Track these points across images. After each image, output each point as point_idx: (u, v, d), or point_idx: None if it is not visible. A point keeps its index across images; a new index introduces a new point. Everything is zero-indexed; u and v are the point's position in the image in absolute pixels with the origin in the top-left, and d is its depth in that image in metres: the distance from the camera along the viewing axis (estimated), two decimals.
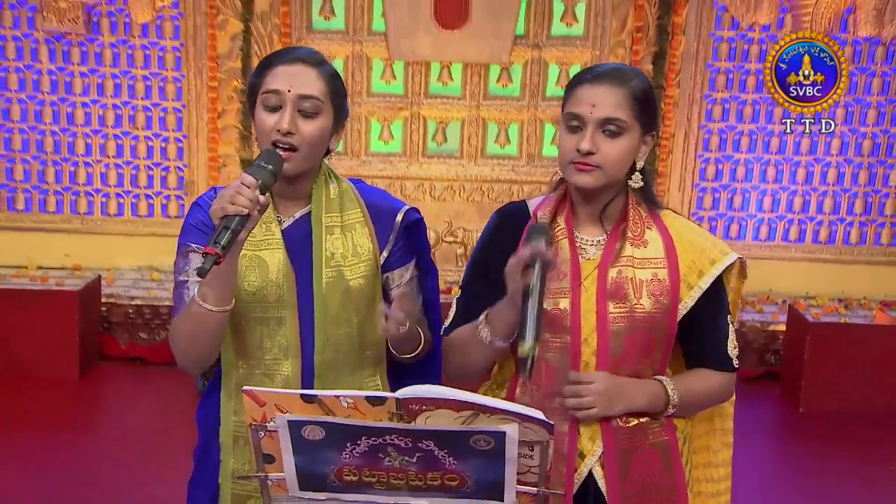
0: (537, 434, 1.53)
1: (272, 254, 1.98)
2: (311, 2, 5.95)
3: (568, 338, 1.91)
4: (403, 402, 1.49)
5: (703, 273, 1.93)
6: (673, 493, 1.98)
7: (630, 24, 5.93)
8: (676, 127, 6.04)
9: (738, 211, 6.18)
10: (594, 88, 1.87)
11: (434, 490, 1.63)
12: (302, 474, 1.62)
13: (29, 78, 6.09)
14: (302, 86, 1.91)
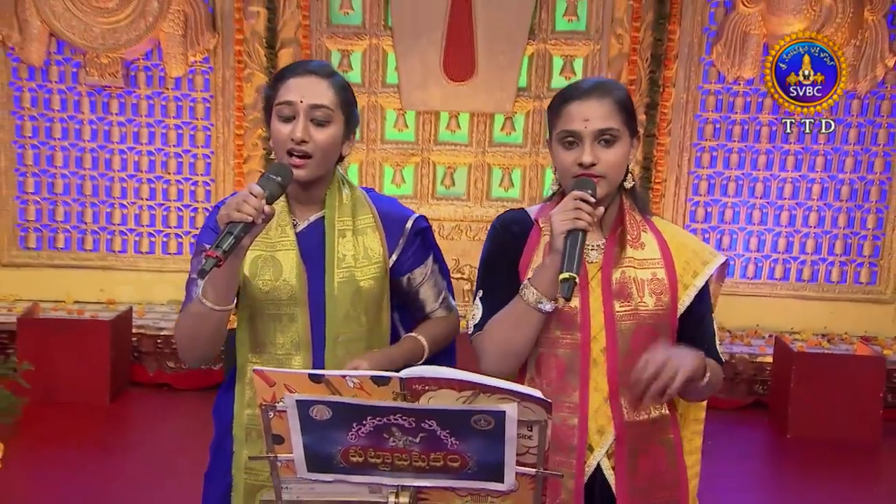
0: (536, 414, 1.46)
1: (286, 254, 1.97)
2: (330, 56, 5.95)
3: (578, 335, 1.87)
4: (407, 381, 1.43)
5: (698, 273, 1.92)
6: (676, 487, 1.96)
7: (624, 77, 5.89)
8: (668, 172, 6.02)
9: (726, 251, 6.08)
10: (584, 104, 1.85)
11: (437, 471, 1.56)
12: (310, 455, 1.56)
13: (71, 127, 6.14)
14: (313, 96, 1.90)
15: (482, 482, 1.57)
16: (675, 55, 5.87)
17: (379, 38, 5.94)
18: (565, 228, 1.74)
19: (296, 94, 1.89)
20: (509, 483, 1.57)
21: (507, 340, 1.86)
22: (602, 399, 1.86)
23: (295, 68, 1.99)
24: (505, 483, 1.57)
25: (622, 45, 5.87)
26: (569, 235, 1.74)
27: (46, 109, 6.09)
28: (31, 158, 6.13)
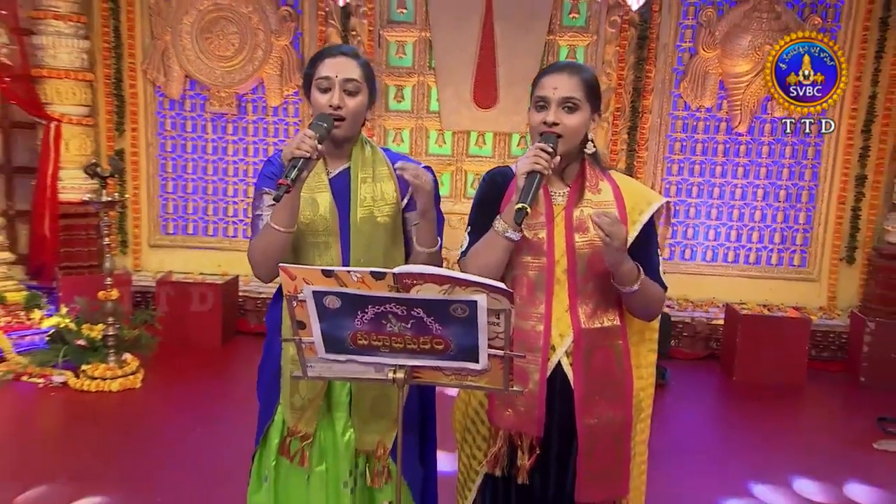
0: (501, 303, 1.46)
1: (322, 195, 1.95)
2: (388, 91, 5.96)
3: (545, 260, 1.85)
4: (399, 276, 1.45)
5: (643, 211, 1.87)
6: (622, 383, 1.91)
7: (612, 105, 5.85)
8: (646, 179, 5.91)
9: (690, 240, 6.02)
10: (555, 76, 1.83)
11: (426, 353, 1.57)
12: (326, 338, 1.57)
13: (199, 145, 6.22)
14: (346, 71, 1.88)
15: (462, 362, 1.58)
16: (651, 89, 5.80)
17: (425, 76, 5.94)
18: (526, 170, 1.74)
19: (331, 70, 1.87)
20: (483, 363, 1.57)
21: (483, 262, 1.84)
22: (563, 309, 1.84)
23: (329, 51, 1.95)
24: (480, 363, 1.57)
25: (611, 81, 5.80)
26: (528, 176, 1.75)
27: (182, 131, 6.20)
28: (170, 167, 6.25)
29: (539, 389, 1.84)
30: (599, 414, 1.87)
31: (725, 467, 3.81)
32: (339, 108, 1.86)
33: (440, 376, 1.62)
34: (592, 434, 1.85)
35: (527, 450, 1.86)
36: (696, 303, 5.87)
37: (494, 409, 1.90)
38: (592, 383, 1.85)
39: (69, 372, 4.50)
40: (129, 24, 6.00)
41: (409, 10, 5.89)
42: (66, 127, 5.75)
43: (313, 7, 5.87)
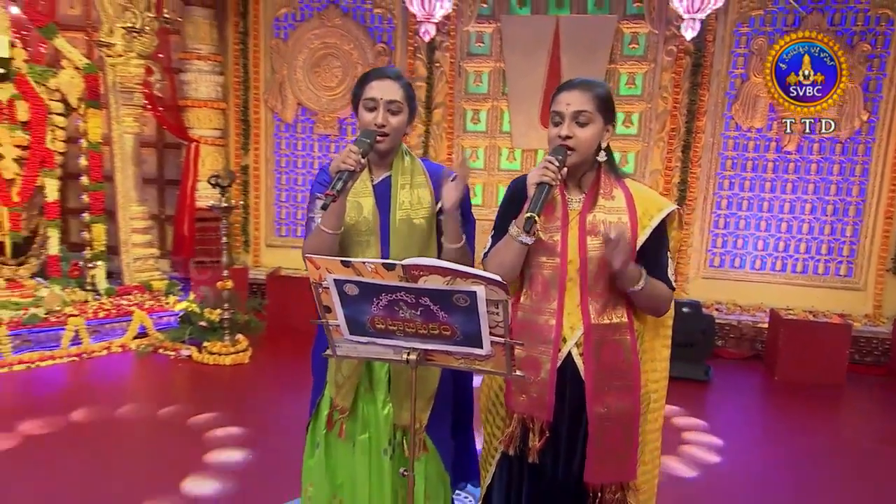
0: (498, 294, 1.39)
1: (366, 199, 1.92)
2: (466, 114, 5.93)
3: (558, 260, 1.77)
4: (407, 267, 1.41)
5: (653, 217, 1.77)
6: (629, 374, 1.81)
7: (668, 126, 5.58)
8: (698, 193, 5.62)
9: (740, 249, 5.64)
10: (569, 93, 1.74)
11: (435, 338, 1.52)
12: (349, 322, 1.54)
13: (307, 161, 6.34)
14: (389, 93, 1.85)
15: (468, 348, 1.52)
16: (704, 111, 5.49)
17: (498, 101, 5.86)
18: (535, 181, 1.69)
19: (377, 92, 1.84)
20: (487, 349, 1.50)
21: (499, 263, 1.79)
22: (575, 305, 1.77)
23: (376, 74, 1.91)
24: (484, 349, 1.50)
25: (666, 104, 5.55)
26: (538, 187, 1.67)
27: (294, 150, 6.34)
28: (283, 180, 6.40)
29: (549, 378, 1.77)
30: (608, 403, 1.78)
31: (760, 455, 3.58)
32: (383, 126, 1.84)
33: (451, 360, 1.56)
34: (601, 421, 1.77)
35: (537, 432, 1.80)
36: (743, 307, 5.51)
37: (510, 393, 1.84)
38: (601, 374, 1.78)
39: (193, 347, 4.69)
40: (255, 61, 6.23)
41: (486, 44, 5.83)
42: (203, 147, 6.03)
43: (404, 43, 5.91)
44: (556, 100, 1.75)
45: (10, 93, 4.84)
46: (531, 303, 1.82)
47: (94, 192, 5.35)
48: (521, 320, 1.83)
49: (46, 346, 4.51)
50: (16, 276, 4.97)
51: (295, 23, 6.09)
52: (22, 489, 2.90)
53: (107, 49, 5.23)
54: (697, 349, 4.69)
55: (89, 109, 5.26)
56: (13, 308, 4.64)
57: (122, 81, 5.32)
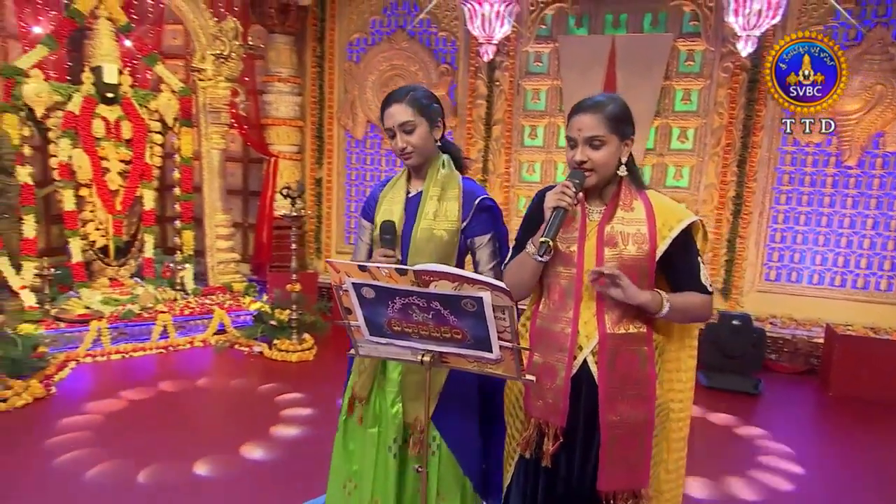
0: (503, 301, 1.40)
1: (397, 208, 1.96)
2: (524, 129, 5.93)
3: (574, 270, 1.75)
4: (418, 273, 1.44)
5: (673, 228, 1.72)
6: (645, 384, 1.75)
7: (723, 141, 5.39)
8: (754, 207, 5.39)
9: (797, 264, 5.37)
10: (579, 117, 1.72)
11: (447, 341, 1.54)
12: (368, 323, 1.58)
13: (374, 174, 6.45)
14: (400, 117, 1.87)
15: (478, 351, 1.53)
16: (760, 126, 5.27)
17: (555, 117, 5.83)
18: (552, 205, 1.68)
19: (390, 120, 1.88)
20: (496, 353, 1.51)
21: (515, 276, 1.80)
22: (591, 314, 1.74)
23: (386, 101, 1.91)
24: (493, 353, 1.51)
25: (722, 120, 5.37)
26: (554, 210, 1.66)
27: (363, 164, 6.49)
28: (353, 192, 6.57)
29: (564, 385, 1.75)
30: (621, 412, 1.74)
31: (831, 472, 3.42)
32: (404, 149, 1.89)
33: (464, 362, 1.58)
34: (614, 429, 1.73)
35: (552, 437, 1.77)
36: (799, 321, 5.24)
37: (528, 398, 1.84)
38: (615, 383, 1.74)
39: (264, 344, 4.89)
40: (330, 83, 6.46)
41: (544, 63, 5.82)
42: (282, 161, 6.29)
43: (466, 64, 5.98)
44: (570, 124, 1.72)
45: (118, 114, 5.22)
46: (549, 311, 1.81)
47: (184, 202, 5.69)
48: (539, 328, 1.82)
49: (139, 338, 4.83)
50: (117, 275, 5.35)
51: (366, 47, 6.28)
52: (128, 438, 3.39)
53: (198, 74, 5.57)
54: (747, 362, 4.50)
55: (183, 128, 5.60)
56: (114, 304, 4.98)
57: (211, 102, 5.65)
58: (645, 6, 5.46)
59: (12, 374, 3.85)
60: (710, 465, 3.34)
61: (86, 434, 3.45)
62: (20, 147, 4.79)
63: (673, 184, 5.60)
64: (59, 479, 2.98)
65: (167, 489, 2.92)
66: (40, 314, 4.62)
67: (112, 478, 3.01)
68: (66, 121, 4.97)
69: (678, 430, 1.90)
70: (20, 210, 4.77)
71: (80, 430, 3.49)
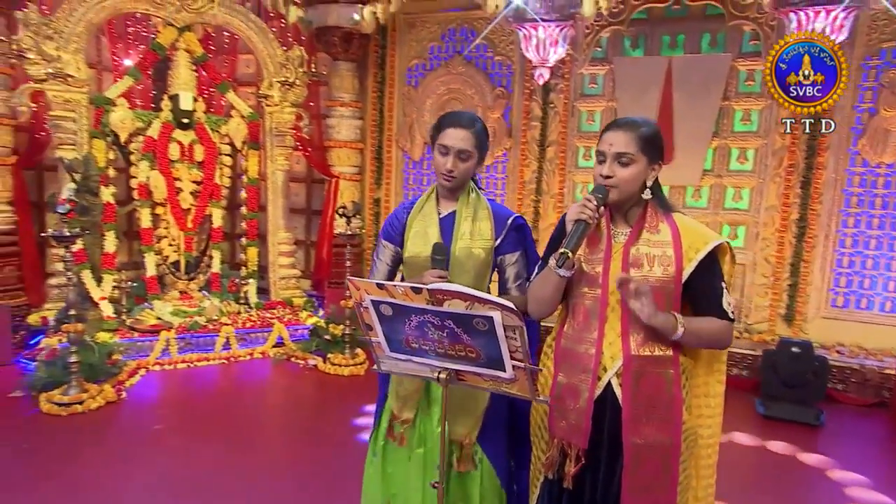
0: (513, 321, 1.40)
1: (432, 230, 1.98)
2: (578, 150, 5.87)
3: (599, 291, 1.73)
4: (432, 291, 1.45)
5: (699, 250, 1.68)
6: (671, 407, 1.71)
7: (785, 162, 5.16)
8: (819, 230, 5.11)
9: (867, 290, 5.05)
10: (612, 133, 1.71)
11: (462, 359, 1.55)
12: (388, 339, 1.61)
13: None
14: (461, 143, 1.90)
15: (492, 370, 1.53)
16: (826, 147, 5.02)
17: None
18: (573, 218, 1.68)
19: (450, 141, 1.89)
20: (510, 373, 1.50)
21: (538, 292, 1.80)
22: (616, 335, 1.71)
23: (451, 122, 1.92)
24: (506, 372, 1.50)
25: (785, 140, 5.15)
26: (575, 223, 1.65)
27: (419, 185, 6.56)
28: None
29: (587, 406, 1.73)
30: (646, 435, 1.70)
31: None
32: (451, 171, 1.91)
33: (480, 381, 1.58)
34: (638, 452, 1.69)
35: (573, 458, 1.74)
36: (869, 351, 4.90)
37: (552, 418, 1.81)
38: (640, 406, 1.70)
39: (319, 358, 5.01)
40: (389, 106, 6.62)
41: (599, 84, 5.77)
42: (342, 181, 6.47)
43: (521, 87, 6.00)
44: (602, 139, 1.72)
45: (191, 138, 5.53)
46: (573, 332, 1.79)
47: (250, 220, 5.93)
48: (563, 348, 1.80)
49: (203, 349, 5.04)
50: (187, 288, 5.62)
51: (424, 72, 6.40)
52: (188, 440, 3.44)
53: (266, 100, 5.83)
54: (808, 391, 4.25)
55: (250, 150, 5.87)
56: (182, 316, 5.24)
57: (276, 126, 5.89)
58: (703, 26, 5.33)
59: (89, 378, 4.10)
60: (776, 492, 3.18)
61: (150, 436, 3.62)
62: (105, 169, 5.14)
63: (732, 205, 5.40)
64: (125, 477, 3.14)
65: (221, 488, 3.03)
66: (116, 324, 4.91)
67: (171, 476, 3.15)
68: (145, 145, 5.31)
69: (707, 457, 1.85)
70: (102, 227, 5.10)
71: (145, 432, 3.67)
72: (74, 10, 4.88)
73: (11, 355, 4.73)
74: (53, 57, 4.75)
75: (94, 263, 5.04)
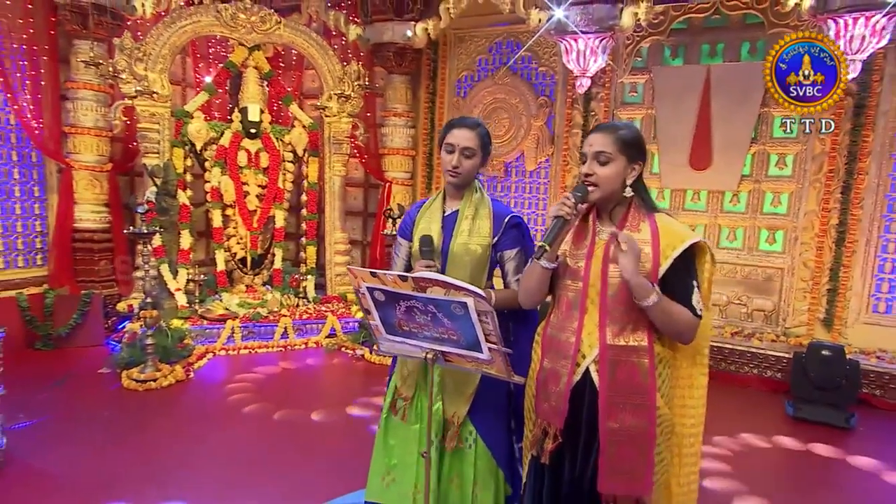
0: (483, 306, 1.50)
1: (435, 226, 2.06)
2: None
3: (581, 284, 1.79)
4: (416, 279, 1.55)
5: (675, 247, 1.72)
6: (645, 395, 1.75)
7: (825, 167, 4.99)
8: (860, 235, 4.91)
9: None
10: (593, 135, 1.78)
11: (446, 341, 1.65)
12: (384, 322, 1.72)
13: None
14: (465, 141, 1.98)
15: (471, 352, 1.63)
16: (868, 152, 4.82)
17: (648, 144, 5.60)
18: (553, 214, 1.73)
19: (455, 139, 1.98)
20: (486, 354, 1.60)
21: (525, 282, 1.87)
22: (594, 325, 1.77)
23: (457, 122, 2.02)
24: (483, 354, 1.61)
25: (825, 146, 4.98)
26: (554, 219, 1.73)
27: None
28: None
29: (565, 389, 1.79)
30: (622, 420, 1.74)
31: None
32: (456, 168, 2.00)
33: (464, 362, 1.69)
34: (614, 436, 1.74)
35: (552, 437, 1.82)
36: None
37: (538, 400, 1.89)
38: (616, 392, 1.74)
39: (366, 348, 5.22)
40: (440, 115, 6.78)
41: (639, 93, 5.74)
42: (395, 186, 6.68)
43: (563, 96, 6.04)
44: (585, 141, 1.79)
45: (258, 146, 5.88)
46: (557, 321, 1.86)
47: (309, 221, 6.23)
48: (549, 336, 1.88)
49: (263, 337, 5.36)
50: (252, 283, 5.97)
51: (472, 83, 6.54)
52: (247, 414, 3.71)
53: (325, 111, 6.11)
54: (840, 394, 4.11)
55: (310, 157, 6.17)
56: (247, 307, 5.58)
57: (334, 135, 6.17)
58: (742, 35, 5.22)
59: (162, 359, 4.46)
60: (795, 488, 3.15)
61: (213, 411, 3.93)
62: (183, 175, 5.55)
63: (771, 210, 5.25)
64: (189, 445, 3.45)
65: (274, 456, 3.27)
66: (189, 312, 5.29)
67: (230, 445, 3.44)
68: (218, 153, 5.69)
69: (690, 446, 1.86)
70: (179, 226, 5.51)
71: (209, 407, 3.98)
72: (161, 34, 5.31)
73: (103, 338, 5.20)
74: (142, 76, 5.18)
75: (171, 258, 5.44)
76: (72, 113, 5.37)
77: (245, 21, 5.62)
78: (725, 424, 4.00)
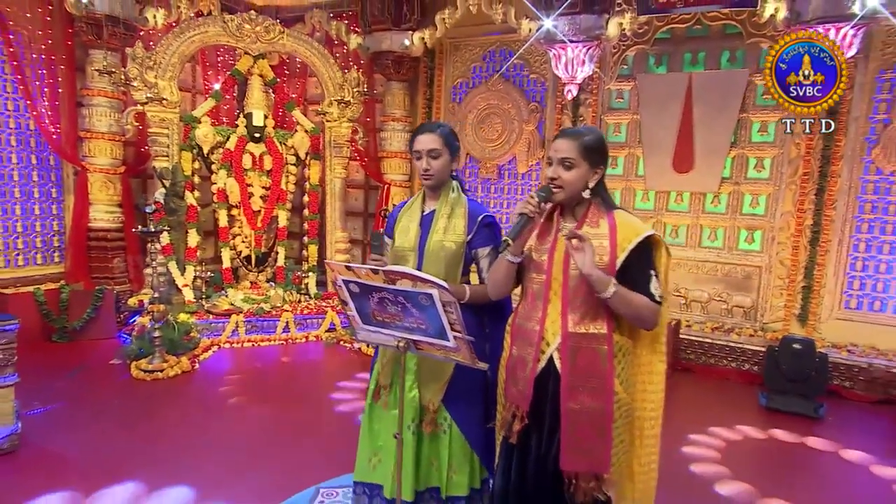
0: (447, 297, 1.59)
1: (413, 224, 2.14)
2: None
3: (544, 276, 1.88)
4: (386, 272, 1.65)
5: (631, 240, 1.79)
6: (604, 378, 1.83)
7: (800, 170, 5.10)
8: (832, 235, 5.01)
9: (881, 293, 4.91)
10: (559, 141, 1.85)
11: (416, 330, 1.75)
12: (360, 313, 1.82)
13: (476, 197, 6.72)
14: (429, 144, 2.05)
15: (439, 340, 1.74)
16: (840, 156, 4.92)
17: (634, 148, 5.83)
18: (518, 212, 1.81)
19: (420, 145, 2.05)
20: (452, 342, 1.71)
21: (492, 274, 1.97)
22: (557, 314, 1.85)
23: (419, 130, 2.08)
24: (450, 342, 1.71)
25: (800, 150, 5.09)
26: (519, 217, 1.80)
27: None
28: None
29: (530, 375, 1.87)
30: (581, 401, 1.82)
31: None
32: (427, 170, 2.07)
33: (433, 350, 1.79)
34: (575, 416, 1.82)
35: (519, 419, 1.93)
36: (881, 351, 4.76)
37: (507, 385, 2.00)
38: (576, 376, 1.82)
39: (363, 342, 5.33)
40: (436, 120, 6.89)
41: (625, 99, 5.85)
42: (393, 187, 6.80)
43: (553, 102, 6.15)
44: (551, 146, 1.85)
45: (262, 150, 6.02)
46: (524, 311, 1.96)
47: (311, 221, 6.36)
48: (517, 325, 1.98)
49: (266, 331, 5.50)
50: (256, 279, 6.11)
51: (467, 89, 6.66)
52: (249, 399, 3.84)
53: (325, 116, 6.25)
54: (809, 386, 4.22)
55: (312, 160, 6.30)
56: (251, 302, 5.72)
57: (335, 139, 6.30)
58: (722, 44, 5.33)
59: (169, 351, 4.60)
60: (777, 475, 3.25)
61: (217, 400, 4.07)
62: (191, 177, 5.70)
63: (749, 211, 5.36)
64: (193, 431, 3.59)
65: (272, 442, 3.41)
66: (196, 307, 5.44)
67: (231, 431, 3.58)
68: (224, 156, 5.84)
69: (650, 429, 1.93)
70: (187, 225, 5.65)
71: (213, 397, 4.12)
72: (170, 44, 5.45)
73: (115, 331, 5.35)
74: (153, 84, 5.33)
75: (179, 256, 5.59)
76: (87, 118, 5.52)
77: (250, 31, 5.76)
78: (702, 414, 4.11)
